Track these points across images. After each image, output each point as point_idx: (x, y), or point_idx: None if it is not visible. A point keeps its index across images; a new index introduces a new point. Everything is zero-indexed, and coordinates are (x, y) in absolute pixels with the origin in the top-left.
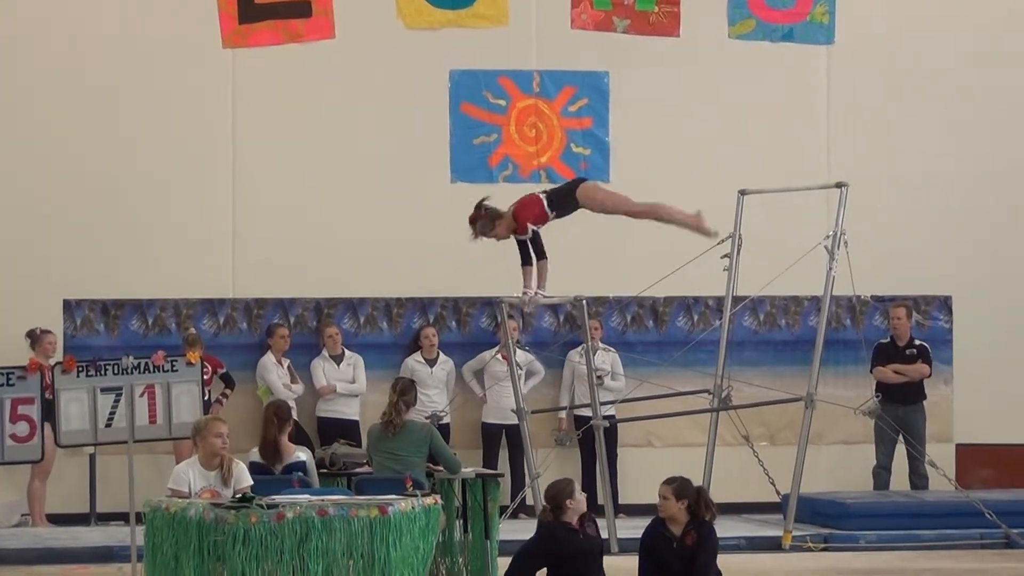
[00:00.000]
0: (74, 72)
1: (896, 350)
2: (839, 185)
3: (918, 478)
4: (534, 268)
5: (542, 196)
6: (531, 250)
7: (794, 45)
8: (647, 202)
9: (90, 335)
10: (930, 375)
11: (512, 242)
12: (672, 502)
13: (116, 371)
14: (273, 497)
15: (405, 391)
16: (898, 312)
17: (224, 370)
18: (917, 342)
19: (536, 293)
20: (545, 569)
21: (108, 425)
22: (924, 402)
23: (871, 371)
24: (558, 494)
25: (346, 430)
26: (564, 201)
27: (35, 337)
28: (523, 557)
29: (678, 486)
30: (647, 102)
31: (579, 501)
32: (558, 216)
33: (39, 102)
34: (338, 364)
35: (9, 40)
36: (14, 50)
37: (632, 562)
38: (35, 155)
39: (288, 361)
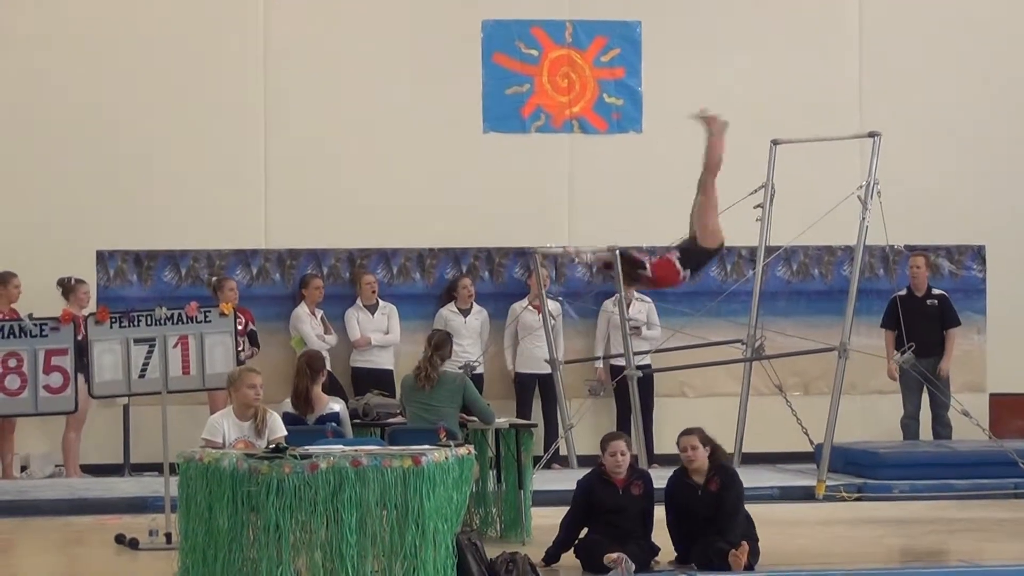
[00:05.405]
0: (106, 24)
1: (914, 300)
2: (872, 135)
3: (942, 427)
4: None
5: (675, 259)
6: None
7: None
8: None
9: (123, 286)
10: (959, 324)
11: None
12: (701, 451)
13: (149, 322)
14: (307, 448)
15: (440, 345)
16: (917, 261)
17: (253, 327)
18: (936, 292)
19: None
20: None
21: (142, 376)
22: None
23: (881, 326)
24: (600, 447)
25: (380, 380)
26: (696, 258)
27: (67, 286)
28: (570, 508)
29: (702, 433)
30: (679, 52)
31: (609, 460)
32: (693, 274)
33: (72, 54)
34: (372, 314)
35: None
36: (45, 5)
37: (659, 513)
38: (69, 107)
39: (321, 312)
